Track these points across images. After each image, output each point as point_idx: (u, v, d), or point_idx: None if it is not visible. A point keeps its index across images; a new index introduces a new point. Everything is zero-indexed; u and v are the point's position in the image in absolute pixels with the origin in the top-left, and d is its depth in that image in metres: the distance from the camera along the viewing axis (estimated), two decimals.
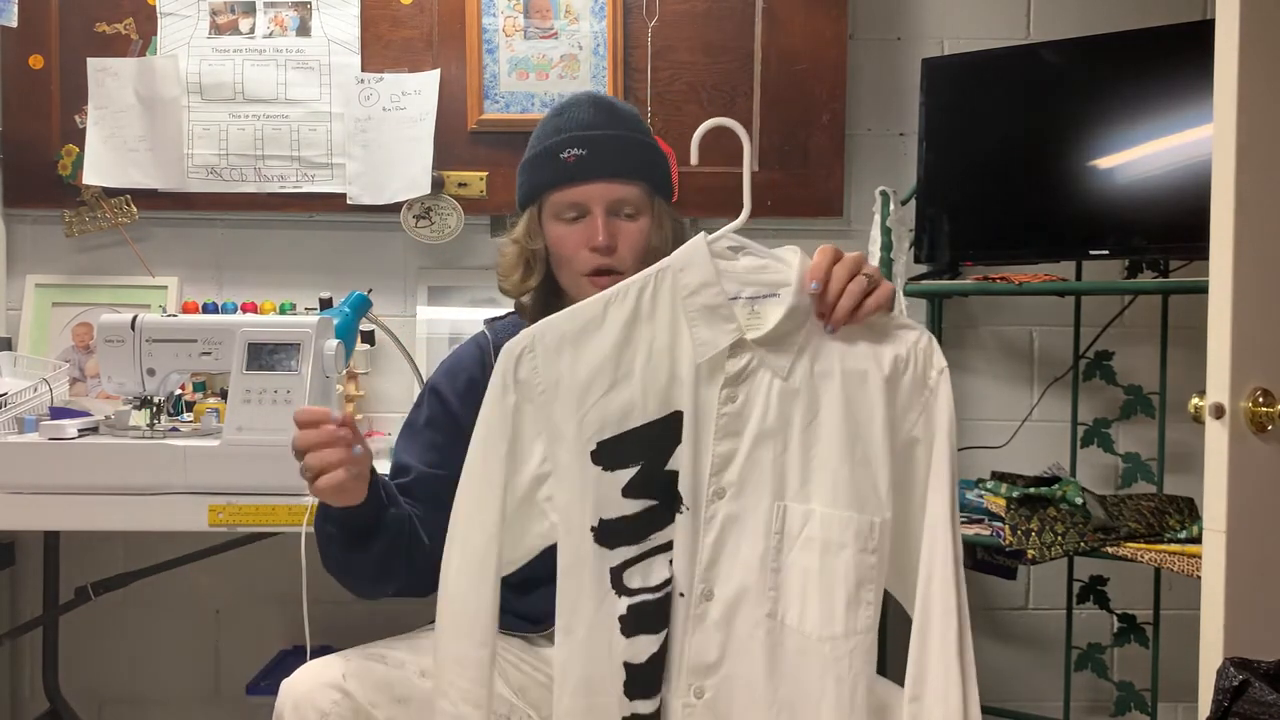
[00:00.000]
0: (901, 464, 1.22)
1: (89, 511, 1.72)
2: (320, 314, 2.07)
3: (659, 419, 1.22)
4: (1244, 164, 1.29)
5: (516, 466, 1.24)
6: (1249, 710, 1.04)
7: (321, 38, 2.36)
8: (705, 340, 1.21)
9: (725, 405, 1.22)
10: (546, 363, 1.23)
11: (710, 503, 1.22)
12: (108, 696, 2.44)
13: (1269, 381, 1.32)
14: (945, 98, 2.26)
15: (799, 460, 1.22)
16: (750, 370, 1.22)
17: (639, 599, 1.21)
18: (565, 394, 1.22)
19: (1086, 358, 2.31)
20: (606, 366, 1.22)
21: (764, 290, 1.23)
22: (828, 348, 1.22)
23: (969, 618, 1.20)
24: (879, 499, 1.20)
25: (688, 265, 1.23)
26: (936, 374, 1.22)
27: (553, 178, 1.54)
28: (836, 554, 1.20)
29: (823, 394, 1.21)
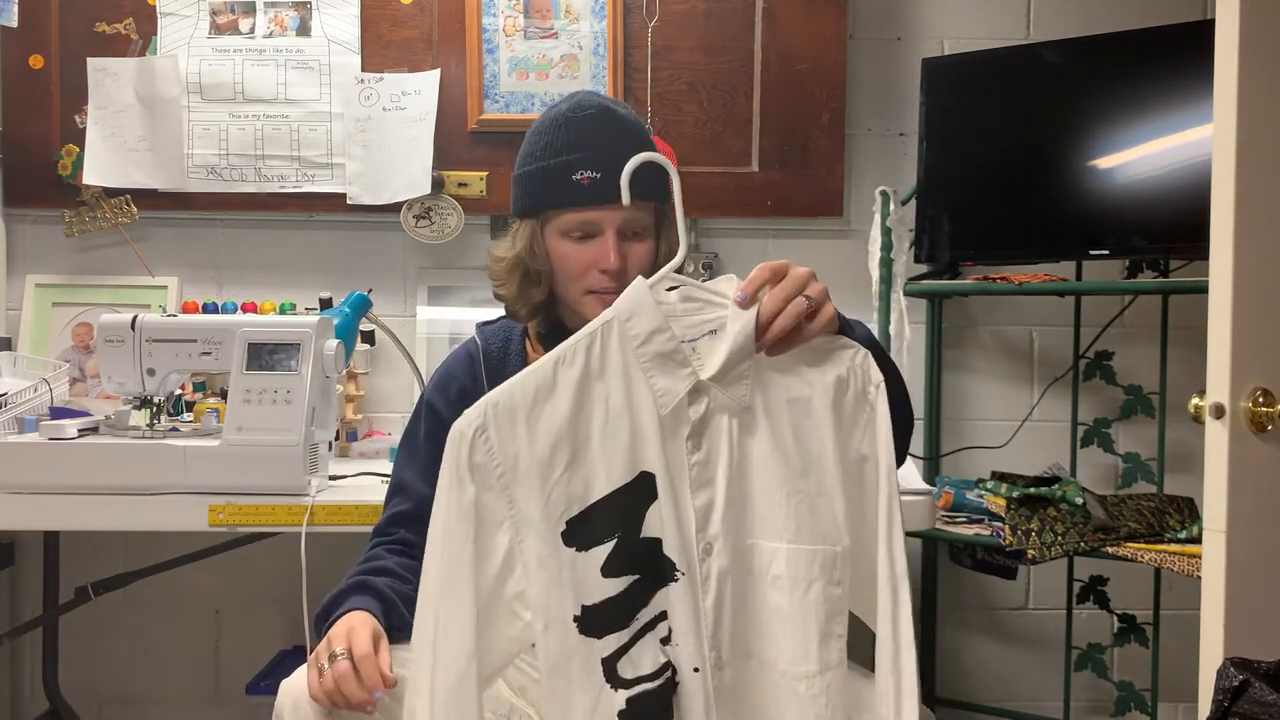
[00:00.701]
0: (854, 482, 1.18)
1: (89, 511, 1.72)
2: (320, 314, 2.07)
3: (626, 484, 1.14)
4: (1244, 164, 1.29)
5: (481, 566, 1.13)
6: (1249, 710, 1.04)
7: (321, 38, 2.36)
8: (665, 389, 1.14)
9: (694, 454, 1.16)
10: (502, 441, 1.13)
11: (702, 561, 1.14)
12: (108, 696, 2.44)
13: (1269, 381, 1.32)
14: (945, 98, 2.26)
15: (761, 495, 1.17)
16: (711, 413, 1.16)
17: (637, 690, 1.13)
18: (526, 473, 1.13)
19: (1086, 358, 2.31)
20: (565, 435, 1.14)
21: (701, 329, 1.18)
22: (773, 378, 1.18)
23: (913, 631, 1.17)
24: (838, 527, 1.16)
25: (634, 314, 1.16)
26: (875, 389, 1.18)
27: (564, 199, 1.51)
28: (806, 590, 1.15)
29: (775, 426, 1.17)
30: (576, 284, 1.53)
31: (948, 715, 2.38)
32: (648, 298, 1.16)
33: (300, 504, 1.69)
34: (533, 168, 1.55)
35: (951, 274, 2.31)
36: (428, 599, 1.15)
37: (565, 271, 1.53)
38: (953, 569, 2.38)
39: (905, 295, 2.26)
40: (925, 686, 2.36)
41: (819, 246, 2.44)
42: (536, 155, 1.55)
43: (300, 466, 1.71)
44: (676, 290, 1.20)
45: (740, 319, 1.15)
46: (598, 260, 1.50)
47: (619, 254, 1.49)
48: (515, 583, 1.14)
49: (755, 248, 2.43)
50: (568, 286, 1.54)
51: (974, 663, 2.49)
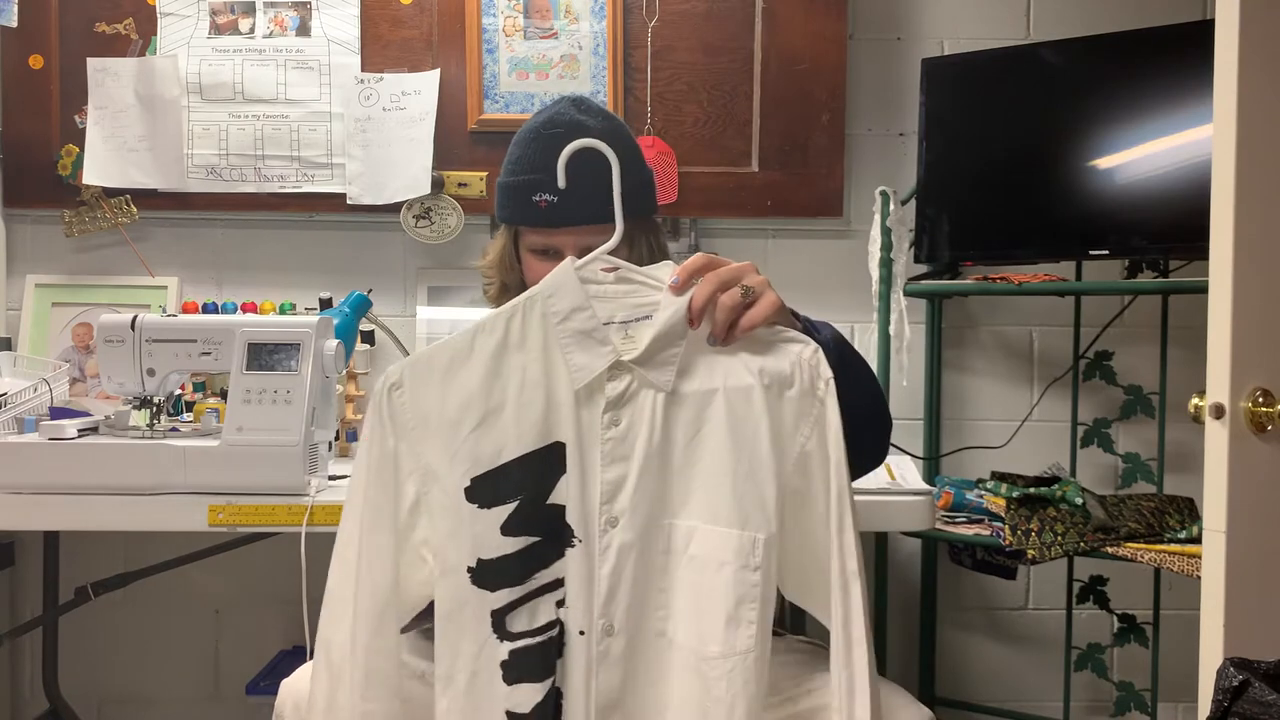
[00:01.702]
0: (800, 478, 1.19)
1: (89, 511, 1.72)
2: (320, 314, 2.07)
3: (537, 450, 1.18)
4: (1244, 164, 1.29)
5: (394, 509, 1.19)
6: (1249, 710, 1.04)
7: (321, 38, 2.36)
8: (581, 365, 1.18)
9: (609, 430, 1.18)
10: (415, 398, 1.19)
11: (603, 532, 1.17)
12: (107, 696, 2.44)
13: (1269, 381, 1.32)
14: (945, 98, 2.26)
15: (683, 477, 1.19)
16: (631, 392, 1.19)
17: (521, 643, 1.17)
18: (435, 429, 1.19)
19: (1086, 358, 2.31)
20: (476, 399, 1.19)
21: (637, 313, 1.20)
22: (710, 364, 1.20)
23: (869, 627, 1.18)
24: (764, 515, 1.17)
25: (556, 291, 1.20)
26: (824, 385, 1.19)
27: (524, 218, 1.53)
28: (717, 571, 1.17)
29: (706, 410, 1.19)
30: None
31: (948, 715, 2.38)
32: (571, 277, 1.20)
33: (300, 504, 1.69)
34: (504, 181, 1.56)
35: (951, 274, 2.31)
36: (349, 539, 1.20)
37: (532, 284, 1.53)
38: (953, 569, 2.38)
39: (905, 295, 2.26)
40: (925, 686, 2.37)
41: (819, 246, 2.44)
42: (509, 168, 1.56)
43: (300, 466, 1.71)
44: (614, 272, 1.23)
45: (672, 304, 1.19)
46: None
47: None
48: (422, 530, 1.20)
49: (755, 248, 2.43)
50: None
51: (974, 663, 2.49)
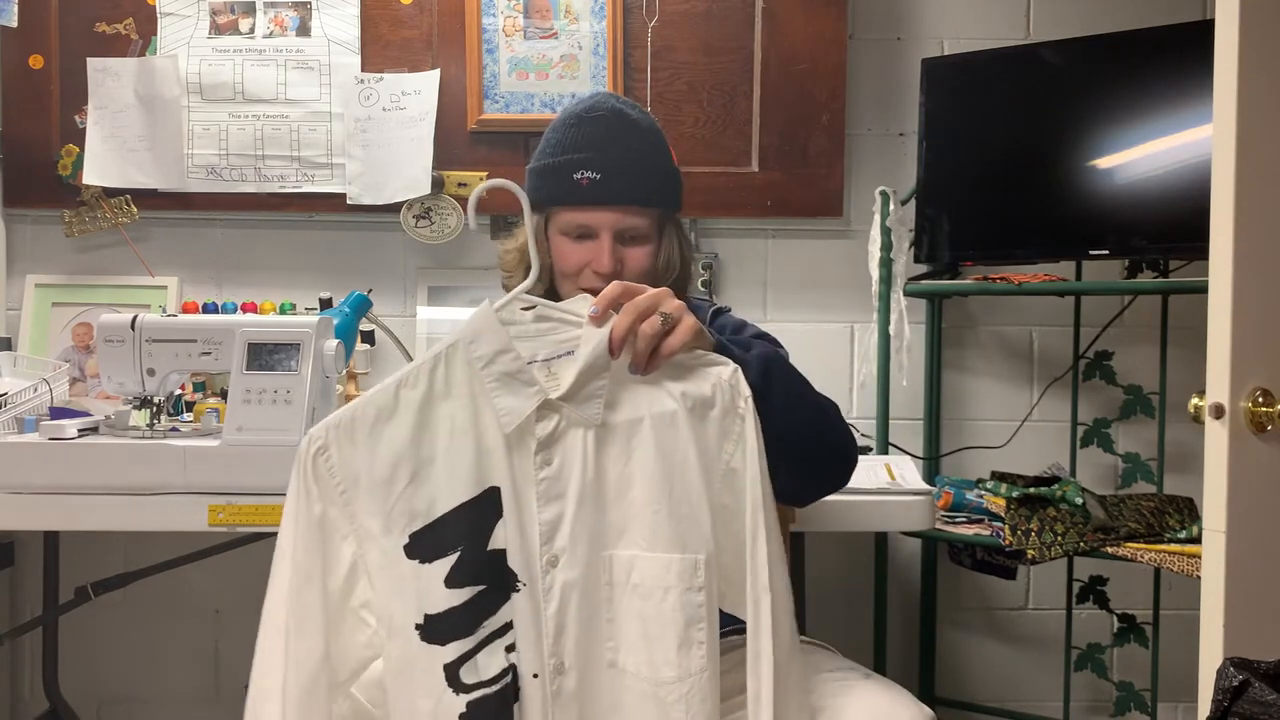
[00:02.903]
0: (728, 494, 1.21)
1: (89, 511, 1.72)
2: (320, 314, 2.07)
3: (473, 499, 1.18)
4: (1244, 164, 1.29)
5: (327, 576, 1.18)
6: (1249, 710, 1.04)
7: (321, 38, 2.36)
8: (509, 408, 1.17)
9: (542, 470, 1.19)
10: (343, 459, 1.17)
11: (545, 572, 1.18)
12: (107, 696, 2.44)
13: (1269, 381, 1.32)
14: (945, 98, 2.26)
15: (618, 508, 1.20)
16: (561, 430, 1.19)
17: (477, 694, 1.17)
18: (367, 489, 1.17)
19: (1086, 358, 2.31)
20: (406, 454, 1.17)
21: (559, 350, 1.21)
22: (634, 393, 1.20)
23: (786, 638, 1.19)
24: (701, 537, 1.19)
25: (478, 336, 1.18)
26: (744, 402, 1.21)
27: (563, 197, 1.53)
28: (663, 597, 1.18)
29: (634, 439, 1.20)
30: (571, 281, 1.55)
31: (948, 715, 2.38)
32: (491, 320, 1.19)
33: None
34: (541, 163, 1.57)
35: (951, 274, 2.31)
36: (277, 604, 1.17)
37: (561, 268, 1.55)
38: (952, 569, 2.38)
39: (905, 295, 2.26)
40: (925, 686, 2.37)
41: (819, 246, 2.44)
42: (546, 151, 1.57)
43: None
44: (531, 311, 1.23)
45: (594, 338, 1.19)
46: (591, 261, 1.52)
47: (613, 257, 1.51)
48: (361, 592, 1.19)
49: (755, 248, 2.43)
50: (563, 283, 1.57)
51: (974, 663, 2.49)
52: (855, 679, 1.39)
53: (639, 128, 1.57)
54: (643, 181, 1.54)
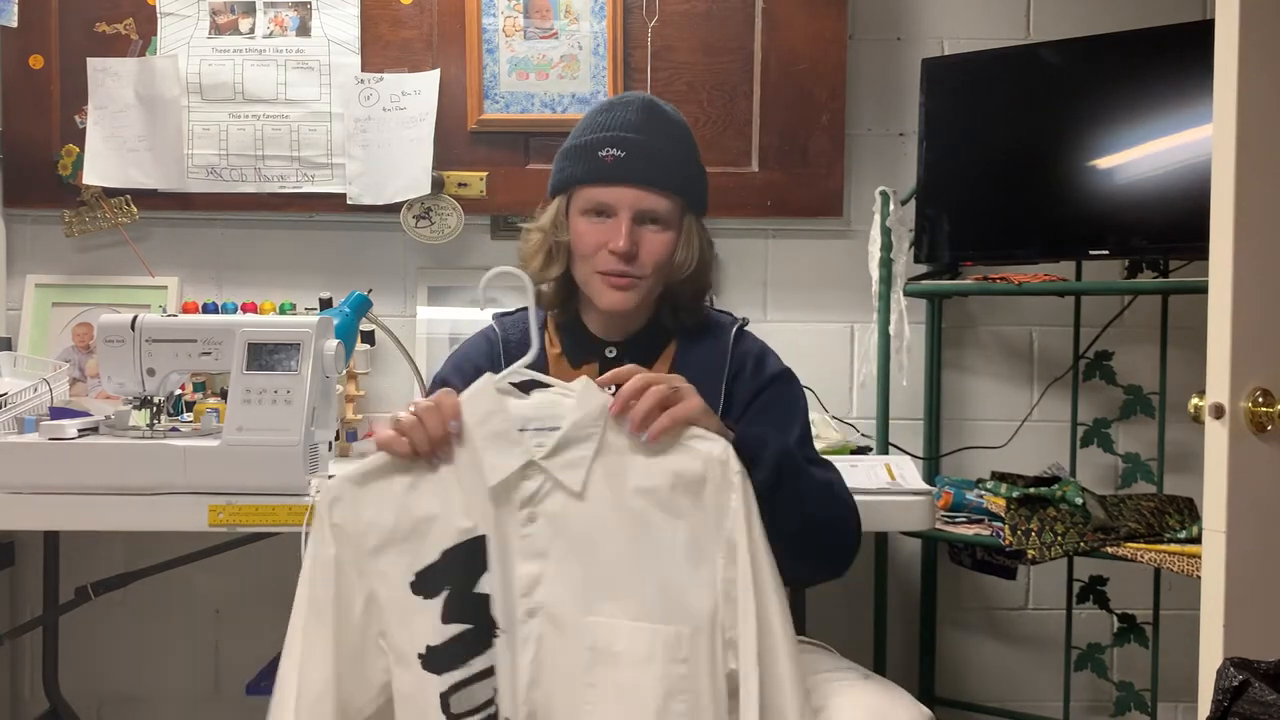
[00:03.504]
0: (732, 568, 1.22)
1: (89, 511, 1.72)
2: (320, 314, 2.07)
3: (463, 543, 1.24)
4: (1244, 164, 1.29)
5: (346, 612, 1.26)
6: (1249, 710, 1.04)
7: (321, 38, 2.36)
8: (495, 464, 1.23)
9: (525, 527, 1.24)
10: (356, 509, 1.26)
11: (523, 623, 1.23)
12: (108, 696, 2.44)
13: (1269, 381, 1.32)
14: (945, 98, 2.26)
15: (604, 576, 1.23)
16: (545, 491, 1.24)
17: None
18: (377, 534, 1.26)
19: (1086, 358, 2.31)
20: (411, 502, 1.26)
21: (549, 424, 1.26)
22: (623, 466, 1.25)
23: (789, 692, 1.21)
24: (687, 611, 1.22)
25: (473, 398, 1.26)
26: (736, 477, 1.24)
27: (586, 173, 1.53)
28: (645, 667, 1.21)
29: (624, 512, 1.24)
30: (587, 263, 1.54)
31: (948, 715, 2.38)
32: (489, 387, 1.27)
33: (300, 504, 1.69)
34: (569, 144, 1.58)
35: (951, 274, 2.31)
36: (295, 632, 1.27)
37: (581, 249, 1.55)
38: (953, 569, 2.38)
39: (905, 295, 2.26)
40: (925, 686, 2.37)
41: (819, 246, 2.44)
42: (575, 134, 1.58)
43: (300, 466, 1.71)
44: (536, 390, 1.29)
45: (584, 408, 1.25)
46: (609, 239, 1.51)
47: (630, 238, 1.51)
48: (376, 624, 1.27)
49: (755, 248, 2.43)
50: (580, 265, 1.56)
51: (974, 663, 2.49)
52: (854, 679, 1.39)
53: (669, 118, 1.59)
54: (666, 166, 1.55)
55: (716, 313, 1.67)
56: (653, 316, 1.61)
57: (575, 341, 1.62)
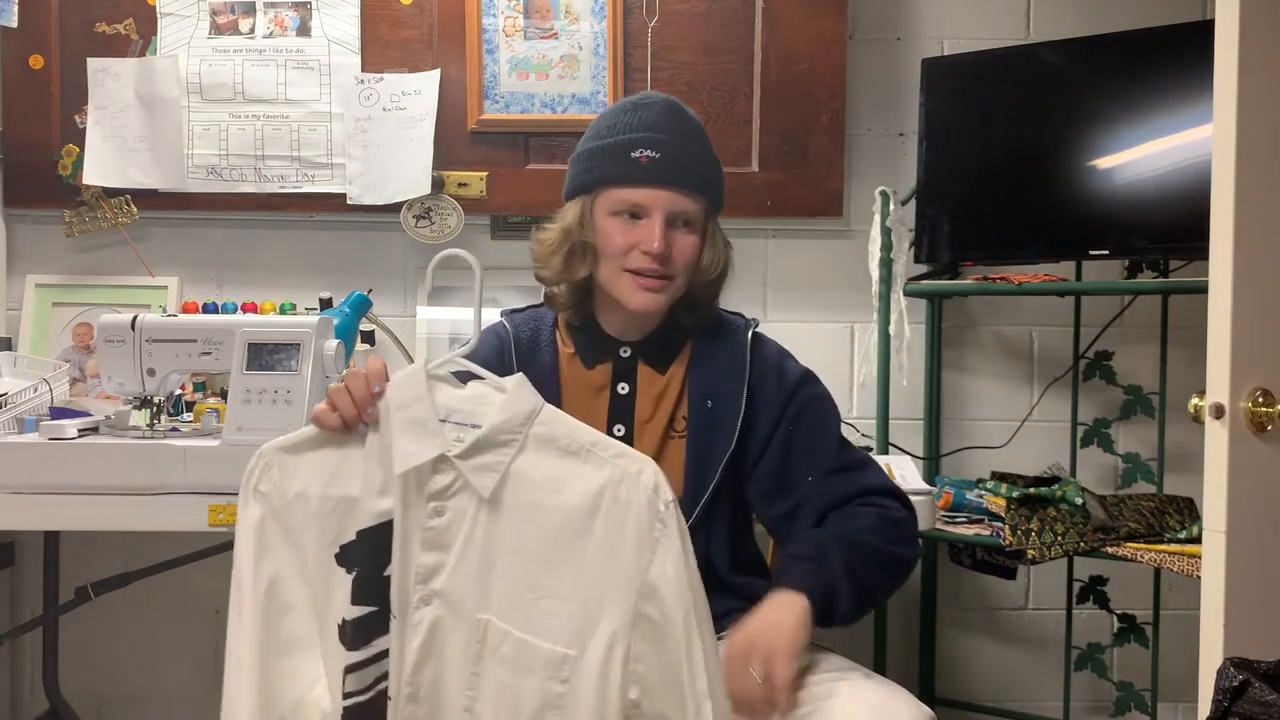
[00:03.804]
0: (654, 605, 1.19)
1: (89, 511, 1.72)
2: (320, 314, 2.07)
3: (374, 526, 1.23)
4: (1244, 164, 1.29)
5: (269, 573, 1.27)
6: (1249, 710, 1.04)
7: (321, 38, 2.36)
8: (406, 451, 1.21)
9: (431, 519, 1.22)
10: (284, 478, 1.26)
11: (416, 609, 1.22)
12: (107, 696, 2.44)
13: (1269, 381, 1.32)
14: (945, 98, 2.26)
15: (504, 581, 1.21)
16: (456, 488, 1.22)
17: (352, 700, 1.23)
18: (303, 506, 1.25)
19: (1086, 358, 2.31)
20: (336, 478, 1.25)
21: (471, 420, 1.24)
22: (539, 476, 1.22)
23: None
24: (578, 634, 1.20)
25: (403, 381, 1.25)
26: (665, 506, 1.20)
27: (620, 174, 1.53)
28: (525, 676, 1.20)
29: (534, 523, 1.21)
30: (615, 262, 1.54)
31: (948, 715, 2.38)
32: (420, 373, 1.25)
33: None
34: (593, 145, 1.57)
35: (951, 274, 2.31)
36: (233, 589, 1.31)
37: (607, 249, 1.54)
38: (953, 569, 2.38)
39: (905, 295, 2.26)
40: (925, 686, 2.37)
41: (819, 246, 2.44)
42: (600, 134, 1.58)
43: None
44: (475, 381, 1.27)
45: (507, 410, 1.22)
46: (642, 241, 1.51)
47: (664, 239, 1.51)
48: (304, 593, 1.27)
49: (755, 248, 2.43)
50: (608, 264, 1.55)
51: (974, 663, 2.49)
52: (855, 678, 1.39)
53: (691, 119, 1.60)
54: (698, 167, 1.56)
55: (726, 313, 1.67)
56: (668, 316, 1.61)
57: (589, 341, 1.62)
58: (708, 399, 1.58)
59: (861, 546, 1.44)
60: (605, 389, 1.60)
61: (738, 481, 1.59)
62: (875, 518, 1.49)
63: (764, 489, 1.57)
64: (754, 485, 1.57)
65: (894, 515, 1.51)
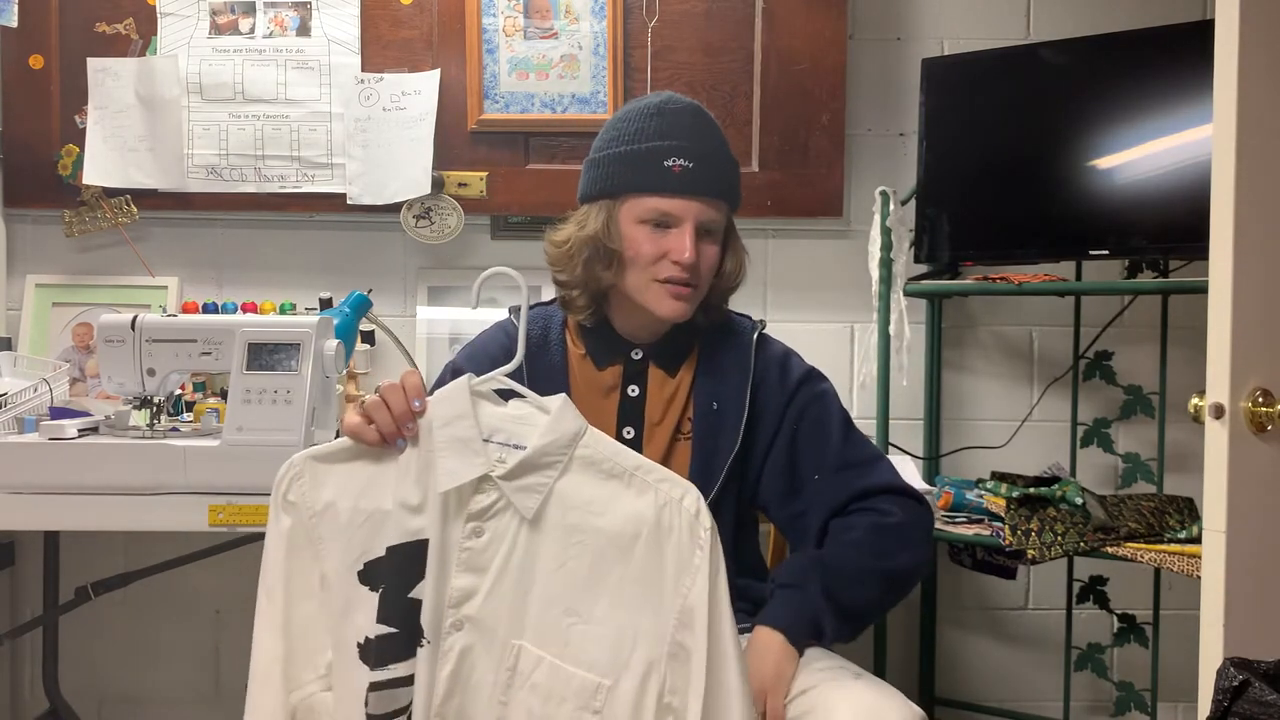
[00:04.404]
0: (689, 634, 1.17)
1: (89, 511, 1.72)
2: (320, 314, 2.07)
3: (406, 544, 1.22)
4: (1244, 164, 1.29)
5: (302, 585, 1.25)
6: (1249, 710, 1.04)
7: (321, 38, 2.36)
8: (451, 470, 1.21)
9: (469, 540, 1.21)
10: (314, 488, 1.25)
11: (448, 635, 1.20)
12: (108, 696, 2.44)
13: (1269, 381, 1.32)
14: (945, 98, 2.26)
15: (539, 605, 1.20)
16: (497, 509, 1.21)
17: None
18: (332, 518, 1.24)
19: (1086, 358, 2.31)
20: (367, 493, 1.24)
21: (515, 440, 1.23)
22: (582, 499, 1.21)
23: None
24: (613, 662, 1.18)
25: (445, 397, 1.24)
26: (705, 533, 1.19)
27: (652, 183, 1.51)
28: (558, 705, 1.19)
29: (574, 547, 1.20)
30: (645, 272, 1.53)
31: (948, 715, 2.38)
32: (464, 389, 1.25)
33: None
34: (619, 150, 1.54)
35: (951, 274, 2.31)
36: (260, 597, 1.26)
37: (637, 258, 1.53)
38: (953, 569, 2.38)
39: (905, 295, 2.26)
40: (925, 686, 2.37)
41: (819, 246, 2.44)
42: (625, 139, 1.55)
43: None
44: (515, 400, 1.27)
45: (553, 431, 1.21)
46: (673, 251, 1.51)
47: (695, 249, 1.51)
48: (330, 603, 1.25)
49: (755, 248, 2.42)
50: (635, 273, 1.54)
51: (974, 663, 2.49)
52: (846, 678, 1.38)
53: (715, 125, 1.59)
54: (726, 175, 1.56)
55: (735, 315, 1.67)
56: None
57: (601, 343, 1.62)
58: (713, 401, 1.58)
59: (845, 570, 1.46)
60: (615, 390, 1.60)
61: (743, 483, 1.59)
62: (868, 529, 1.49)
63: (774, 490, 1.57)
64: (764, 487, 1.57)
65: (889, 521, 1.50)
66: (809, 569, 1.47)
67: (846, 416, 1.61)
